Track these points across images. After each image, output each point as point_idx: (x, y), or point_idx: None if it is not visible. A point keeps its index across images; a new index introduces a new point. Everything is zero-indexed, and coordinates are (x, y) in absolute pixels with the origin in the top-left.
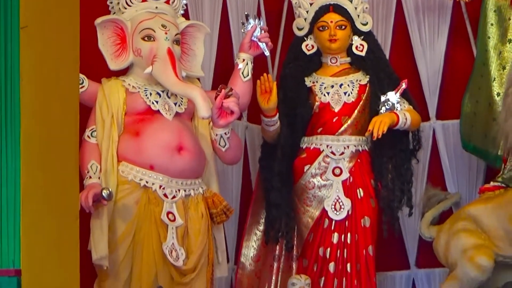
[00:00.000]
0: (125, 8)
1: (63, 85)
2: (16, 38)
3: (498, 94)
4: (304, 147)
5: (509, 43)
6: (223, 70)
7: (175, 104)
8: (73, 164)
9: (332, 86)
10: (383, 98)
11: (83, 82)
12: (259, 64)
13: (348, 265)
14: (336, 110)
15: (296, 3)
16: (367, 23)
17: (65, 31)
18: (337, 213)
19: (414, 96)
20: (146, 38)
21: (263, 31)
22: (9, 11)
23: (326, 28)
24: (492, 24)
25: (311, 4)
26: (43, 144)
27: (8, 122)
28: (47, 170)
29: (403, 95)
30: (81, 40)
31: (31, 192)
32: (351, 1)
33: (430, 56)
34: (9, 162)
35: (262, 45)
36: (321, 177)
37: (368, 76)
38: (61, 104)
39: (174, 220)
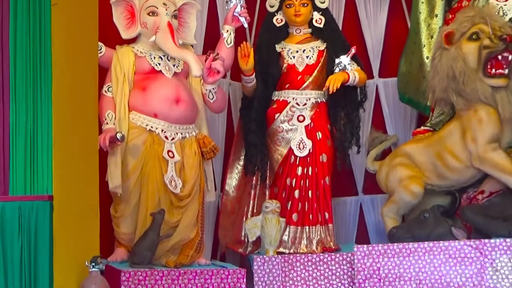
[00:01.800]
0: None
1: (85, 51)
2: (48, 13)
3: (427, 58)
4: (275, 99)
5: (436, 17)
6: (211, 39)
7: (174, 65)
8: (93, 113)
9: (297, 51)
10: (337, 61)
11: (101, 48)
12: (240, 34)
13: (310, 192)
14: (300, 70)
15: None
16: (324, 1)
17: (86, 8)
18: (301, 151)
19: (361, 59)
20: (150, 14)
21: (242, 8)
22: None
23: (292, 5)
24: (422, 2)
25: None
26: (70, 97)
27: (43, 79)
28: (73, 117)
29: (353, 58)
30: (100, 14)
31: (61, 134)
32: None
33: (373, 28)
34: (43, 111)
35: (242, 19)
36: (288, 123)
37: (325, 44)
38: (83, 65)
39: (173, 157)
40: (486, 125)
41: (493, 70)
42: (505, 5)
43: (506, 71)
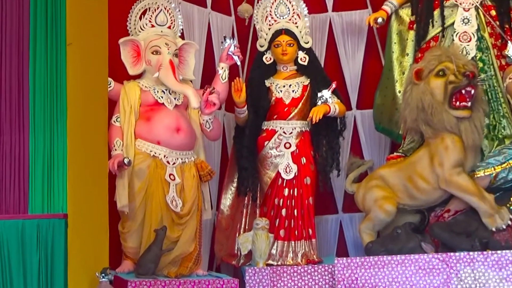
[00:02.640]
0: (140, 32)
1: (96, 85)
2: (64, 52)
3: (399, 91)
4: (264, 128)
5: (407, 56)
6: (208, 75)
7: (175, 98)
8: (103, 140)
9: (284, 86)
10: (319, 95)
11: (110, 83)
12: (233, 71)
13: (295, 210)
14: (287, 102)
15: (259, 28)
16: (308, 42)
17: (97, 47)
18: (287, 174)
19: (341, 93)
20: (154, 53)
21: (236, 48)
22: (59, 32)
23: (280, 45)
24: (395, 43)
25: (269, 29)
26: (83, 126)
27: (59, 110)
28: (85, 144)
29: (334, 92)
30: (109, 53)
31: (74, 160)
32: (297, 27)
33: (352, 65)
34: (59, 138)
35: (235, 58)
36: (276, 149)
37: (309, 79)
38: (95, 98)
39: (174, 179)
40: (451, 152)
41: (458, 103)
42: (468, 45)
43: (469, 103)
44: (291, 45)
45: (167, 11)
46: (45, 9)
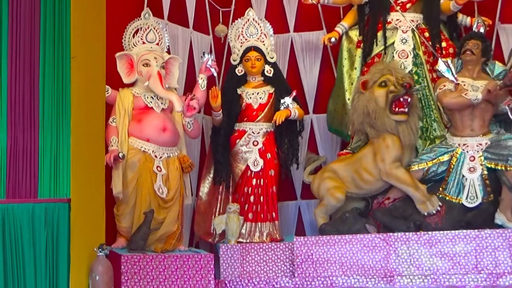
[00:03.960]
0: (133, 47)
1: (96, 92)
2: (69, 63)
3: (349, 99)
4: (236, 129)
5: (355, 70)
6: (189, 84)
7: (162, 103)
8: (101, 138)
9: (253, 94)
10: (282, 101)
11: (108, 90)
12: (211, 81)
13: (261, 197)
14: (255, 107)
15: (232, 45)
16: (273, 57)
17: (97, 60)
18: (255, 167)
19: (300, 100)
20: (145, 65)
21: (213, 62)
22: (64, 48)
23: (249, 60)
24: (345, 59)
25: (241, 46)
26: (84, 125)
27: (64, 112)
28: (86, 140)
29: (294, 99)
30: (107, 65)
31: (77, 153)
32: (264, 44)
33: (309, 77)
34: (64, 135)
35: (212, 70)
36: (246, 146)
37: (273, 88)
38: (95, 102)
39: (161, 170)
40: (391, 149)
41: (397, 109)
42: (406, 61)
43: (406, 109)
44: (259, 59)
45: (156, 30)
46: (53, 28)
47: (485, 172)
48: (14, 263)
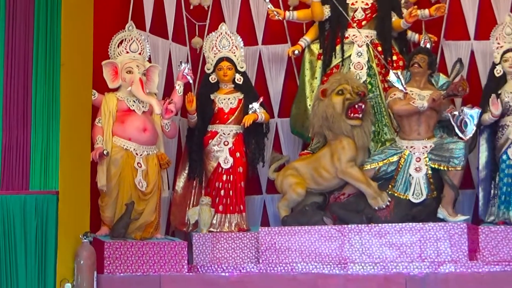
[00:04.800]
0: (118, 56)
1: (83, 95)
2: (58, 70)
3: (310, 105)
4: (209, 130)
5: (316, 79)
6: (168, 89)
7: (143, 106)
8: (87, 137)
9: (224, 99)
10: (250, 106)
11: (95, 94)
12: (187, 87)
13: (231, 191)
14: (226, 111)
15: (207, 56)
16: (243, 67)
17: (84, 67)
18: (226, 164)
19: (266, 105)
20: (128, 72)
21: (189, 70)
22: (55, 55)
23: (222, 69)
24: (307, 69)
25: (214, 56)
26: (72, 125)
27: (54, 114)
28: (74, 139)
29: (261, 105)
30: (94, 71)
31: (65, 150)
32: (235, 55)
33: (275, 84)
34: (54, 134)
35: (189, 77)
36: (217, 146)
37: (243, 94)
38: (82, 105)
39: (141, 166)
40: (347, 150)
41: (352, 115)
42: (360, 72)
43: (361, 115)
44: (230, 69)
45: (139, 41)
46: (45, 38)
47: (429, 172)
48: (7, 249)
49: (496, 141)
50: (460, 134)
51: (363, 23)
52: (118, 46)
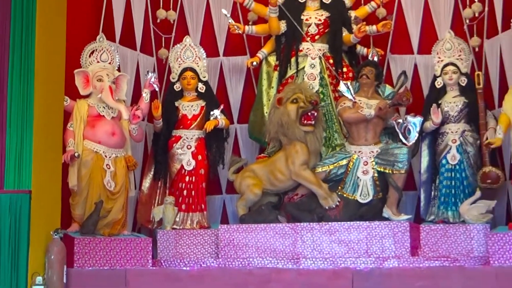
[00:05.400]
0: (89, 65)
1: (56, 101)
2: (33, 77)
3: (267, 112)
4: (173, 135)
5: (272, 88)
6: (136, 97)
7: (112, 112)
8: (59, 140)
9: (188, 106)
10: (211, 113)
11: (67, 100)
12: (153, 95)
13: (193, 191)
14: (189, 117)
15: (172, 66)
16: (205, 76)
17: (57, 75)
18: (188, 166)
19: (226, 112)
20: (98, 80)
21: (155, 79)
22: (30, 64)
23: (186, 78)
24: (264, 79)
25: (179, 67)
26: (45, 129)
27: (28, 120)
28: (47, 142)
29: (222, 111)
30: (66, 79)
31: (38, 152)
32: (198, 66)
33: (235, 93)
34: (27, 137)
35: (155, 86)
36: (181, 149)
37: (205, 102)
38: (55, 110)
39: (110, 168)
40: (300, 154)
41: (305, 121)
42: (313, 82)
43: (313, 122)
44: (194, 78)
45: (109, 52)
46: (20, 47)
47: (376, 175)
48: None
49: (437, 147)
50: (404, 140)
51: (316, 37)
52: (90, 56)
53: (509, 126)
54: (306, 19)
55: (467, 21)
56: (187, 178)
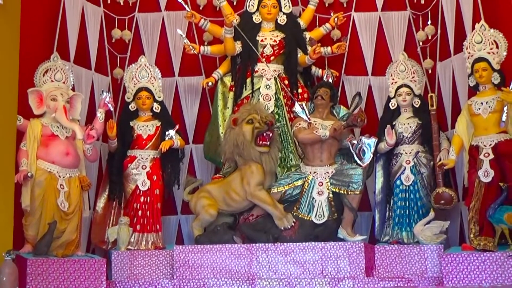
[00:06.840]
0: (43, 84)
1: (9, 121)
2: None
3: (222, 133)
4: (128, 155)
5: (228, 109)
6: (90, 116)
7: (66, 132)
8: (12, 160)
9: (143, 126)
10: (167, 133)
11: (20, 120)
12: (108, 114)
13: (148, 212)
14: (144, 137)
15: (127, 85)
16: (160, 96)
17: (10, 94)
18: (143, 187)
19: (182, 132)
20: (52, 100)
21: (110, 99)
22: None
23: (141, 98)
24: (220, 99)
25: (134, 86)
26: None
27: None
28: (0, 162)
29: (177, 132)
30: (19, 98)
31: None
32: (153, 86)
33: (190, 113)
34: None
35: (109, 105)
36: (136, 169)
37: (160, 122)
38: (7, 131)
39: (64, 188)
40: (255, 175)
41: (260, 142)
42: (269, 103)
43: (268, 142)
44: (149, 98)
45: (63, 71)
46: None
47: (331, 195)
48: None
49: (391, 168)
50: (358, 161)
51: (272, 58)
52: (44, 75)
53: (461, 148)
54: (262, 40)
55: (420, 43)
56: (142, 199)
